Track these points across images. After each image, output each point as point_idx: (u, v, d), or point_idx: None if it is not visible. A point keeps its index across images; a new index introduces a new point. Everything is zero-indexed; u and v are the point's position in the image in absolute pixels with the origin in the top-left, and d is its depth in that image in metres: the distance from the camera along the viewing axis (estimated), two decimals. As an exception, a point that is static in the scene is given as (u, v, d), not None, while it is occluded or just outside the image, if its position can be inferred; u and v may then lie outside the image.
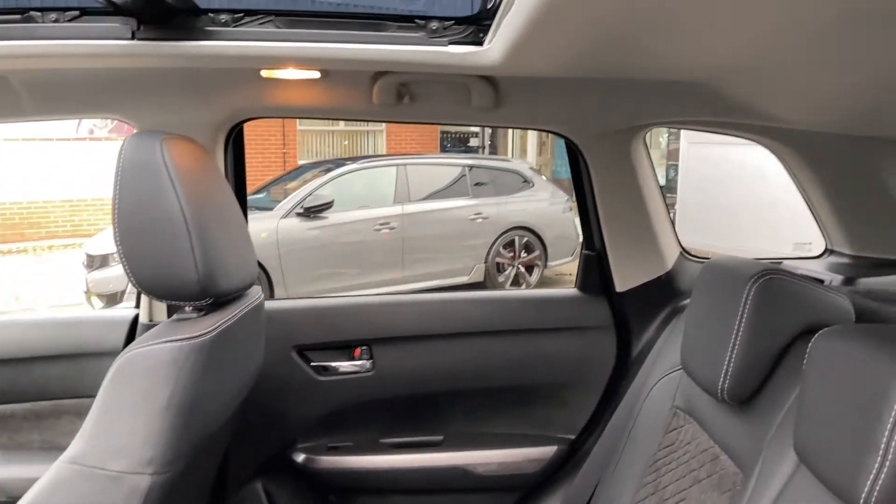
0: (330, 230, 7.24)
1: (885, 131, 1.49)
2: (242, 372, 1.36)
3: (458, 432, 1.89)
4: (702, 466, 1.33)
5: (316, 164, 8.87)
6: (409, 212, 7.66)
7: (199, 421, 1.16)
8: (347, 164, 7.92)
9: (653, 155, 10.79)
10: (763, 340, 1.20)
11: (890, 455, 0.81)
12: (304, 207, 7.16)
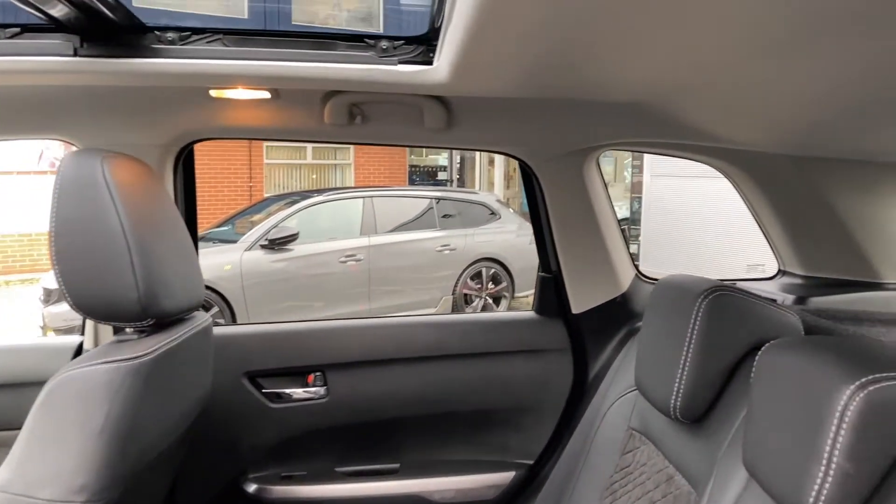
0: (295, 262, 7.18)
1: (827, 152, 1.52)
2: (187, 397, 1.32)
3: (415, 459, 1.85)
4: (657, 487, 1.32)
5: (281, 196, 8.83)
6: (375, 243, 7.64)
7: (136, 447, 1.11)
8: (313, 196, 7.89)
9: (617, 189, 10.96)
10: (713, 357, 1.19)
11: (833, 463, 0.81)
12: (268, 239, 7.10)
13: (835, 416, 0.81)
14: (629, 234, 9.75)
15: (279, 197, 8.65)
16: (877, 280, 1.69)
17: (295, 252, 7.20)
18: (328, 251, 7.40)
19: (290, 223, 7.38)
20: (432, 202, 8.20)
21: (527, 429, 1.86)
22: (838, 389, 0.82)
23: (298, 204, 7.65)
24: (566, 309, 1.84)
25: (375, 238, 7.68)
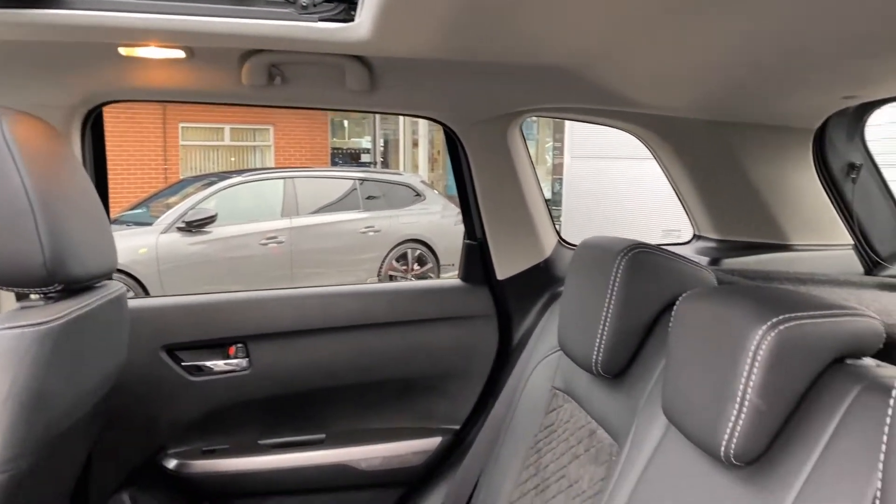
0: (214, 245, 7.00)
1: (739, 116, 1.57)
2: (99, 368, 1.26)
3: (341, 429, 1.83)
4: (580, 442, 1.35)
5: (198, 177, 8.56)
6: (297, 225, 7.52)
7: (44, 416, 1.06)
8: (232, 177, 7.69)
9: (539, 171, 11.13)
10: (633, 312, 1.22)
11: (747, 401, 0.84)
12: (185, 221, 6.90)
13: (748, 355, 0.84)
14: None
15: (196, 178, 8.39)
16: (785, 242, 1.78)
17: (213, 234, 7.02)
18: (248, 233, 7.25)
19: (207, 205, 7.18)
20: (356, 183, 8.12)
21: (453, 394, 1.88)
22: (751, 330, 0.85)
23: (216, 185, 7.44)
24: (491, 275, 1.85)
25: (297, 220, 7.56)
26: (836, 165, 1.67)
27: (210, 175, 8.45)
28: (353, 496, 1.81)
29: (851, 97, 1.39)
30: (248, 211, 7.53)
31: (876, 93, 1.36)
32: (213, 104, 1.61)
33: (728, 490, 0.91)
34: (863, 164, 1.66)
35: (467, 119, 1.70)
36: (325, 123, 14.35)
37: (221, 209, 7.16)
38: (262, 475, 1.74)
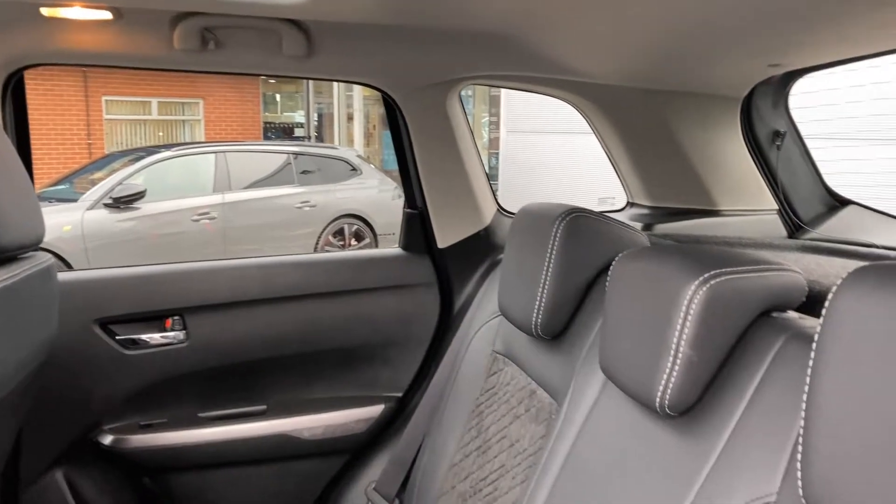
0: (144, 221, 6.80)
1: (669, 84, 1.62)
2: (29, 341, 1.22)
3: (283, 400, 1.82)
4: (520, 403, 1.38)
5: (125, 152, 8.27)
6: (230, 201, 7.36)
7: None
8: (161, 152, 7.46)
9: (475, 144, 11.14)
10: (571, 275, 1.25)
11: (680, 353, 0.88)
12: (112, 198, 6.67)
13: (681, 310, 0.88)
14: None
15: (123, 153, 8.10)
16: (714, 207, 1.84)
17: (143, 211, 6.82)
18: (179, 209, 7.06)
19: (136, 180, 6.95)
20: (290, 158, 7.98)
21: (395, 362, 1.89)
22: (683, 286, 0.88)
23: (145, 160, 7.21)
24: (432, 244, 1.86)
25: (230, 195, 7.40)
26: (761, 133, 1.73)
27: (138, 150, 8.18)
28: (297, 466, 1.81)
29: (776, 65, 1.45)
30: (178, 186, 7.33)
31: (800, 61, 1.42)
32: (142, 70, 1.56)
33: (663, 439, 0.95)
34: (787, 131, 1.73)
35: (406, 86, 1.69)
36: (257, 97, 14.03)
37: (150, 185, 6.95)
38: (203, 448, 1.72)
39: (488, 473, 1.39)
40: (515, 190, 9.56)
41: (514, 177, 9.70)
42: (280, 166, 7.89)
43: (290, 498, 1.82)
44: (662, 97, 1.68)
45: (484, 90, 13.78)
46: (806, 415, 0.66)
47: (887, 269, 0.62)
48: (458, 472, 1.48)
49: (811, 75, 1.59)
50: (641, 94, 1.69)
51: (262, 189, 7.66)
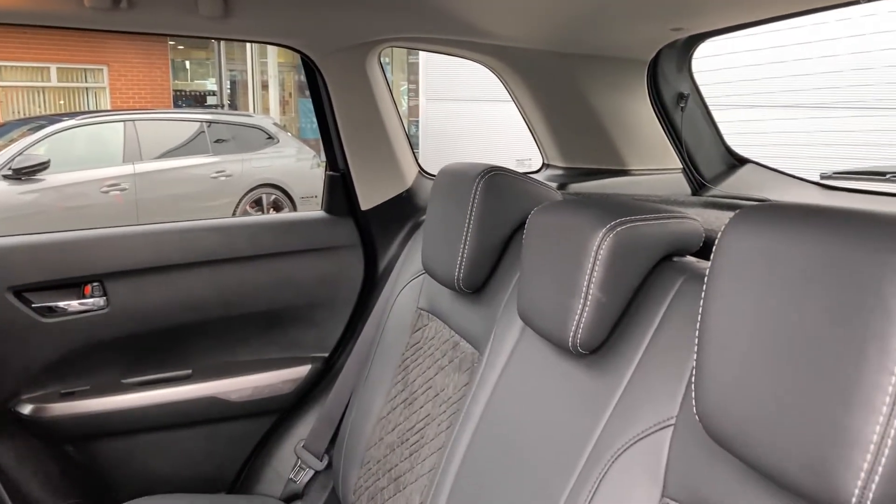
0: (48, 194, 6.50)
1: (580, 47, 1.69)
2: None
3: (208, 363, 1.83)
4: (444, 355, 1.44)
5: (25, 120, 7.84)
6: (141, 171, 7.11)
7: None
8: (65, 121, 7.11)
9: (394, 112, 11.13)
10: (490, 230, 1.31)
11: (590, 295, 0.95)
12: (12, 168, 6.33)
13: (590, 255, 0.95)
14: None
15: (22, 121, 7.67)
16: (624, 167, 1.94)
17: (46, 182, 6.51)
18: (86, 180, 6.78)
19: (37, 150, 6.62)
20: (203, 126, 7.75)
21: (320, 324, 1.92)
22: (593, 232, 0.95)
23: (47, 129, 6.86)
24: (354, 206, 1.89)
25: (141, 165, 7.15)
26: (667, 95, 1.83)
27: (38, 118, 7.75)
28: (226, 427, 1.83)
29: (679, 29, 1.54)
30: (84, 157, 7.02)
31: (700, 25, 1.51)
32: (47, 28, 1.50)
33: (575, 377, 1.03)
34: (690, 94, 1.83)
35: (325, 47, 1.70)
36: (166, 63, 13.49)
37: (54, 155, 6.64)
38: (128, 413, 1.71)
39: (415, 423, 1.45)
40: (434, 158, 9.63)
41: (433, 144, 9.75)
42: (193, 135, 7.66)
43: (220, 458, 1.84)
44: (574, 60, 1.75)
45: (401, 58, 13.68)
46: (698, 342, 0.73)
47: (766, 210, 0.69)
48: (386, 424, 1.53)
49: (713, 40, 1.69)
50: (555, 58, 1.75)
51: (174, 159, 7.42)
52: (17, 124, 7.45)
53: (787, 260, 0.64)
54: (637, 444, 0.88)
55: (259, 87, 15.20)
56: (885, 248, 0.56)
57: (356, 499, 1.55)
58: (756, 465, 0.65)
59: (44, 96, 12.12)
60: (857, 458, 0.56)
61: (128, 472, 1.76)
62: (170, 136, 7.54)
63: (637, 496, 0.86)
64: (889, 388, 0.55)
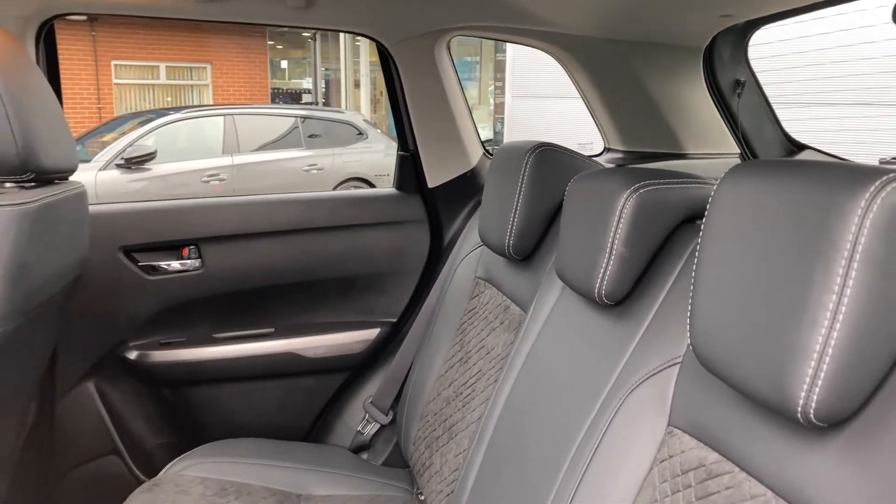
0: (155, 182, 6.98)
1: (636, 35, 1.77)
2: (67, 253, 1.40)
3: (288, 323, 2.02)
4: (496, 318, 1.57)
5: (136, 114, 8.43)
6: (239, 163, 7.53)
7: (23, 286, 1.20)
8: (170, 114, 7.61)
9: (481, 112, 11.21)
10: (538, 201, 1.43)
11: (614, 250, 1.06)
12: (124, 158, 6.84)
13: (616, 214, 1.06)
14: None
15: (133, 115, 8.26)
16: (681, 151, 2.01)
17: (153, 171, 6.99)
18: (189, 170, 7.23)
19: (146, 142, 7.12)
20: (297, 121, 8.12)
21: (389, 291, 2.08)
22: (619, 193, 1.06)
23: (154, 122, 7.37)
24: (422, 184, 2.04)
25: (239, 157, 7.56)
26: (723, 81, 1.89)
27: (147, 112, 8.33)
28: (302, 381, 2.01)
29: (728, 16, 1.60)
30: (187, 148, 7.50)
31: (749, 12, 1.57)
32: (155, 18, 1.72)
33: (602, 326, 1.14)
34: (747, 80, 1.88)
35: (397, 35, 1.85)
36: (265, 62, 14.11)
37: (161, 146, 7.12)
38: (217, 364, 1.92)
39: (468, 379, 1.58)
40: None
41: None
42: (288, 130, 8.03)
43: (296, 409, 2.03)
44: (630, 48, 1.84)
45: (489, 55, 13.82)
46: (694, 281, 0.83)
47: (751, 165, 0.79)
48: (443, 381, 1.67)
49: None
50: (611, 45, 1.84)
51: (270, 152, 7.81)
52: (128, 118, 8.03)
53: (762, 207, 0.74)
54: (648, 380, 0.98)
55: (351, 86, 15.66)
56: (833, 191, 0.66)
57: (415, 449, 1.69)
58: (735, 384, 0.75)
59: (153, 93, 12.93)
60: (803, 367, 0.65)
61: (214, 416, 1.97)
62: (266, 131, 7.93)
63: (646, 425, 0.96)
64: (830, 306, 0.64)
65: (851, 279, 0.63)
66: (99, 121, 10.74)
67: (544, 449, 1.14)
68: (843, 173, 0.67)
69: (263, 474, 1.63)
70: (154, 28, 12.12)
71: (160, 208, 1.91)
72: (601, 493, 0.97)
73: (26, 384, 1.52)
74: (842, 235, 0.64)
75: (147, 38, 12.26)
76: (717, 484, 0.82)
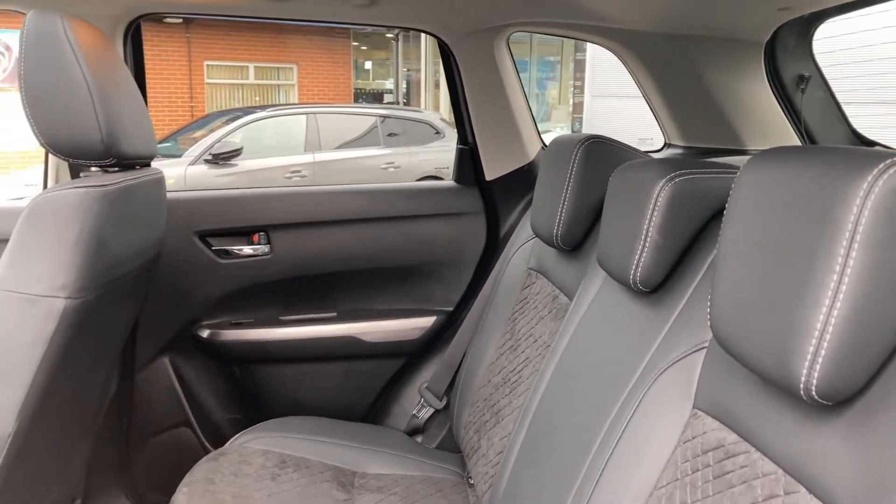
0: (240, 177, 7.27)
1: (695, 29, 1.77)
2: (145, 233, 1.53)
3: (350, 308, 2.11)
4: (545, 307, 1.60)
5: (224, 112, 8.80)
6: (320, 160, 7.76)
7: (105, 260, 1.32)
8: (256, 112, 7.92)
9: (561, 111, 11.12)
10: (586, 192, 1.46)
11: (649, 237, 1.09)
12: (212, 154, 7.16)
13: (651, 202, 1.08)
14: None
15: (222, 113, 8.63)
16: (742, 147, 1.98)
17: (239, 167, 7.29)
18: (273, 167, 7.50)
19: (233, 138, 7.43)
20: (377, 120, 8.30)
21: (446, 281, 2.14)
22: (656, 182, 1.09)
23: (242, 119, 7.68)
24: (480, 177, 2.09)
25: (320, 154, 7.80)
26: (786, 77, 1.86)
27: (235, 110, 8.68)
28: (361, 365, 2.10)
29: (786, 9, 1.58)
30: (272, 146, 7.79)
31: (808, 5, 1.55)
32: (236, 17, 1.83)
33: (638, 312, 1.16)
34: (812, 76, 1.85)
35: (457, 31, 1.91)
36: (349, 63, 14.46)
37: (247, 143, 7.42)
38: (282, 345, 2.03)
39: (516, 366, 1.63)
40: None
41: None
42: (367, 129, 8.22)
43: (355, 391, 2.12)
44: (689, 42, 1.84)
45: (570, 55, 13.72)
46: (717, 265, 0.86)
47: (770, 153, 0.81)
48: (494, 368, 1.72)
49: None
50: (670, 40, 1.85)
51: (349, 150, 8.01)
52: (218, 115, 8.40)
53: (774, 193, 0.76)
54: (676, 364, 1.01)
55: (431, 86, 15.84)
56: (837, 176, 0.68)
57: (466, 433, 1.75)
58: (746, 363, 0.77)
59: (242, 93, 13.45)
60: (805, 345, 0.68)
61: (278, 394, 2.08)
62: (347, 129, 8.15)
63: (673, 408, 0.98)
64: (831, 285, 0.66)
65: (852, 259, 0.65)
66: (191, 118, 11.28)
67: (577, 430, 1.18)
68: (847, 158, 0.69)
69: (321, 450, 1.72)
70: (244, 30, 12.62)
71: (233, 196, 2.03)
72: (628, 471, 1.00)
73: (109, 355, 1.66)
74: (844, 217, 0.65)
75: (237, 40, 12.77)
76: (734, 463, 0.84)
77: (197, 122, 8.56)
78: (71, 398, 1.44)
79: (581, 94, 11.94)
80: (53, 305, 1.23)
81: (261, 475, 1.59)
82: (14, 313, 1.22)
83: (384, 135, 8.27)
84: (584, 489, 1.07)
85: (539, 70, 14.67)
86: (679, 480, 0.92)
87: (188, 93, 12.55)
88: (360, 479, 1.68)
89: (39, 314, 1.22)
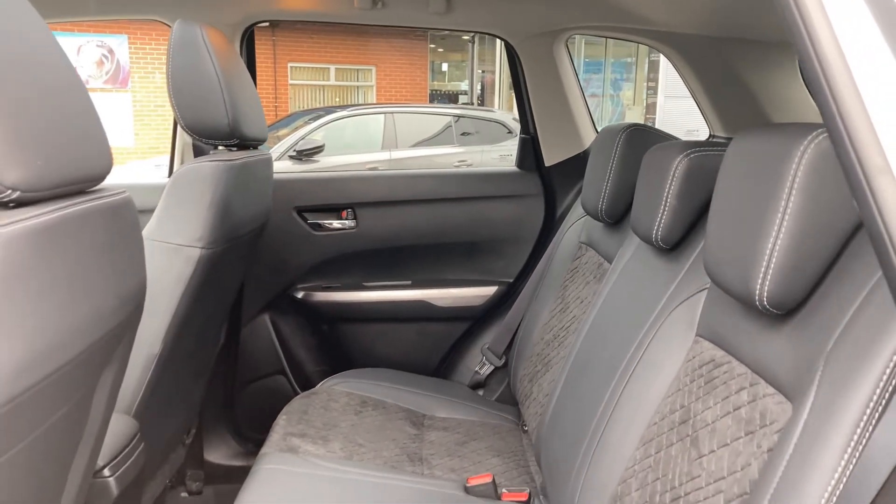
0: (322, 173, 7.69)
1: (737, 33, 1.98)
2: (258, 204, 1.85)
3: (422, 277, 2.41)
4: (591, 273, 1.86)
5: (307, 111, 9.27)
6: (396, 157, 8.11)
7: (230, 222, 1.65)
8: (337, 112, 8.34)
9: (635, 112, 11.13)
10: (627, 173, 1.70)
11: (668, 203, 1.33)
12: (296, 150, 7.58)
13: (670, 173, 1.33)
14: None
15: (305, 112, 9.09)
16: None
17: (321, 163, 7.67)
18: (352, 163, 7.86)
19: (316, 136, 7.83)
20: (451, 120, 8.60)
21: (506, 256, 2.42)
22: (674, 158, 1.33)
23: (323, 118, 8.09)
24: (540, 163, 2.36)
25: (396, 152, 8.14)
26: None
27: (317, 109, 9.13)
28: (431, 326, 2.40)
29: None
30: (351, 143, 8.18)
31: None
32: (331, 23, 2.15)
33: (660, 267, 1.41)
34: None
35: (521, 34, 2.18)
36: (426, 65, 14.84)
37: (328, 141, 7.81)
38: (365, 306, 2.35)
39: (565, 323, 1.88)
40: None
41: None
42: (442, 128, 8.52)
43: (426, 349, 2.42)
44: (730, 44, 2.05)
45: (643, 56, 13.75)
46: (709, 219, 1.10)
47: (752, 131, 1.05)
48: (546, 328, 1.98)
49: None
50: (712, 42, 2.06)
51: (424, 148, 8.33)
52: (301, 114, 8.87)
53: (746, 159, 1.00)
54: (684, 303, 1.25)
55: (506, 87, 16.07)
56: (784, 142, 0.92)
57: (520, 384, 2.01)
58: (724, 286, 1.02)
59: (323, 93, 14.00)
60: (759, 266, 0.92)
61: (361, 349, 2.40)
62: (422, 129, 8.47)
63: (680, 337, 1.23)
64: (776, 221, 0.90)
65: (791, 201, 0.89)
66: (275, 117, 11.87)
67: (606, 361, 1.43)
68: (793, 130, 0.93)
69: (397, 395, 2.02)
70: (326, 33, 13.15)
71: (326, 178, 2.36)
72: (645, 386, 1.25)
73: (222, 308, 2.00)
74: (786, 171, 0.90)
75: (319, 43, 13.32)
76: (719, 371, 1.09)
77: (281, 120, 9.04)
78: (198, 333, 1.77)
79: (654, 95, 11.97)
80: (191, 254, 1.55)
81: (346, 410, 1.90)
82: (162, 259, 1.55)
83: (458, 134, 8.54)
84: (609, 403, 1.33)
85: (613, 71, 14.73)
86: (681, 390, 1.16)
87: (273, 93, 13.17)
88: (429, 420, 1.96)
89: (181, 260, 1.55)
